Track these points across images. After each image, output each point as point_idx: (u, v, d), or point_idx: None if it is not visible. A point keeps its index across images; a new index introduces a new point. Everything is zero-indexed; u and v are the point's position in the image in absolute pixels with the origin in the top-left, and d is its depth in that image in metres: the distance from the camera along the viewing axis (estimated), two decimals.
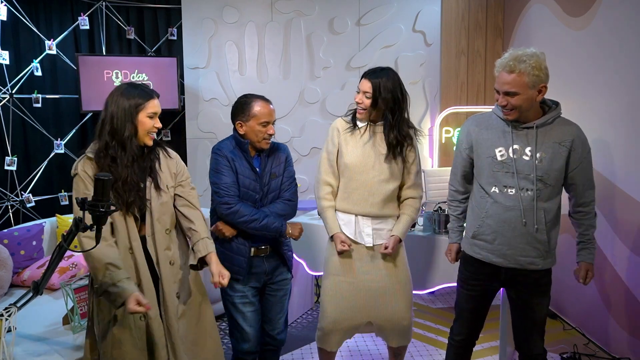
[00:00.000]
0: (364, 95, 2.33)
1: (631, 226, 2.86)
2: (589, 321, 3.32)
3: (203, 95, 4.75)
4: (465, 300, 2.28)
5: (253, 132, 2.27)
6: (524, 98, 1.96)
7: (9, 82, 4.22)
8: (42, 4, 4.46)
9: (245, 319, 2.34)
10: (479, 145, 2.15)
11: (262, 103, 2.28)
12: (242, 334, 2.34)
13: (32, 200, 4.38)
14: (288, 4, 4.64)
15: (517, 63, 1.93)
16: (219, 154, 2.29)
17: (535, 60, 1.93)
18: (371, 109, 2.33)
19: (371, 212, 2.39)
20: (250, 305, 2.35)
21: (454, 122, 4.52)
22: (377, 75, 2.31)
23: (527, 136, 2.05)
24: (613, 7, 2.99)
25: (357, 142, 2.39)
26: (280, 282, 2.44)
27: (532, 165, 2.03)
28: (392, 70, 2.37)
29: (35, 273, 3.12)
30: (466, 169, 2.25)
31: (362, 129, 2.41)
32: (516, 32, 4.35)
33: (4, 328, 1.79)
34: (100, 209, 1.54)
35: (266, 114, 2.26)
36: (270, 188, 2.34)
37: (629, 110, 2.88)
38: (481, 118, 2.20)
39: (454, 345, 2.36)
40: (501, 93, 2.00)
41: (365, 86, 2.32)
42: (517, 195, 2.05)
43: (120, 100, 1.90)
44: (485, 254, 2.16)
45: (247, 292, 2.34)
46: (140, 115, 1.92)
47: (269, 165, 2.34)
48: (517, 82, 1.94)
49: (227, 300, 2.36)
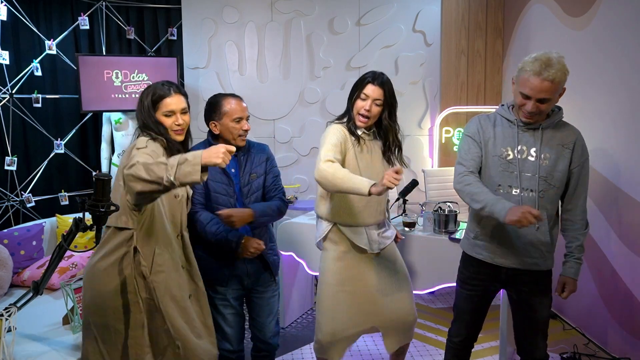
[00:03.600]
0: (373, 103, 2.23)
1: (631, 226, 2.87)
2: (589, 321, 3.32)
3: (203, 95, 4.74)
4: (464, 301, 2.27)
5: (227, 129, 2.25)
6: (553, 103, 1.98)
7: (9, 82, 4.22)
8: (42, 4, 4.46)
9: (225, 320, 2.34)
10: (486, 144, 2.14)
11: (232, 100, 2.27)
12: (223, 334, 2.34)
13: (32, 200, 4.38)
14: (288, 4, 4.64)
15: (551, 68, 1.88)
16: None
17: (563, 64, 1.91)
18: (374, 117, 2.27)
19: (377, 220, 2.38)
20: (231, 308, 2.34)
21: (454, 122, 4.52)
22: (383, 80, 2.26)
23: (533, 137, 2.05)
24: (613, 8, 2.99)
25: (358, 153, 2.30)
26: (265, 284, 2.41)
27: (537, 166, 2.03)
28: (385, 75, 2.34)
29: (35, 273, 3.12)
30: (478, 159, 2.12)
31: (363, 139, 2.32)
32: (516, 32, 4.35)
33: (4, 328, 1.80)
34: (100, 209, 1.54)
35: (238, 109, 2.24)
36: (252, 188, 2.31)
37: (629, 110, 2.88)
38: (487, 118, 2.18)
39: (452, 347, 2.35)
40: (533, 99, 1.95)
41: (377, 93, 2.23)
42: (520, 195, 2.05)
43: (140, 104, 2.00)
44: (487, 255, 2.16)
45: (228, 295, 2.33)
46: (157, 115, 1.97)
47: (249, 166, 2.32)
48: (552, 88, 1.91)
49: (210, 301, 2.33)
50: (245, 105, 2.31)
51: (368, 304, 2.37)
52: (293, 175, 4.78)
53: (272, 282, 2.44)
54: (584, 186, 2.09)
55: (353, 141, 2.29)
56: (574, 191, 2.08)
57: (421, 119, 4.66)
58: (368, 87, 2.24)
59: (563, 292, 2.12)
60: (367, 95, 2.24)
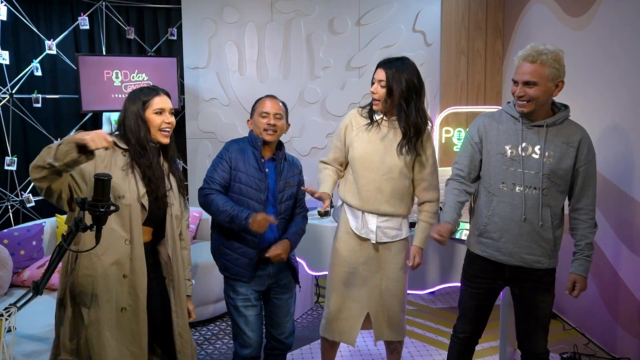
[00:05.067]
0: (379, 85, 2.28)
1: (631, 226, 2.87)
2: (589, 321, 3.32)
3: (203, 95, 4.75)
4: (469, 298, 2.28)
5: (256, 124, 2.37)
6: (543, 90, 1.98)
7: (9, 82, 4.22)
8: (42, 4, 4.46)
9: (248, 323, 2.33)
10: (489, 142, 2.14)
11: (264, 97, 2.42)
12: (245, 339, 2.34)
13: (32, 200, 4.38)
14: (288, 4, 4.64)
15: (539, 54, 1.97)
16: (223, 151, 2.36)
17: (555, 54, 1.98)
18: (387, 99, 2.27)
19: (379, 209, 2.35)
20: (253, 309, 2.34)
21: (454, 122, 4.52)
22: (392, 63, 2.28)
23: (537, 134, 2.06)
24: (613, 8, 2.99)
25: (369, 137, 2.34)
26: (285, 285, 2.44)
27: (541, 163, 2.03)
28: (408, 58, 2.32)
29: (35, 273, 3.12)
30: (475, 162, 2.20)
31: (378, 123, 2.35)
32: (516, 32, 4.35)
33: (4, 328, 1.79)
34: (100, 209, 1.54)
35: (264, 105, 2.36)
36: (285, 196, 2.36)
37: (629, 110, 2.88)
38: (492, 115, 2.20)
39: (457, 343, 2.36)
40: (520, 83, 2.01)
41: (380, 75, 2.27)
42: (523, 192, 2.06)
43: (127, 104, 1.97)
44: (491, 252, 2.17)
45: (250, 295, 2.33)
46: (147, 112, 1.95)
47: (285, 173, 2.37)
48: (538, 72, 1.96)
49: (230, 304, 2.36)
50: (277, 102, 2.40)
51: (364, 289, 2.42)
52: None
53: (293, 284, 2.48)
54: (592, 186, 2.08)
55: (364, 125, 2.36)
56: (582, 191, 2.08)
57: None
58: (377, 70, 2.33)
59: (574, 290, 2.11)
60: (374, 78, 2.33)
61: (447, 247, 2.28)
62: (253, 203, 2.27)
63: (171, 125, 2.00)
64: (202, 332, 3.42)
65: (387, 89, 2.25)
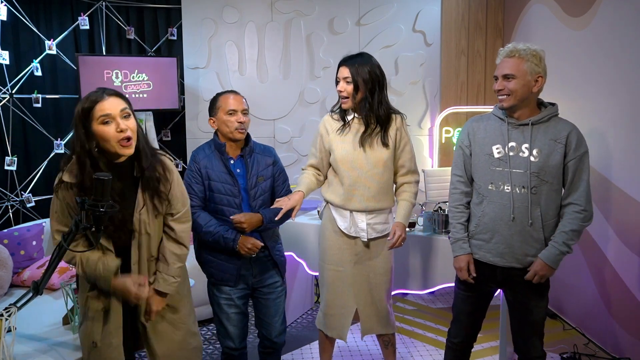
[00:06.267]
0: (344, 82, 2.33)
1: (631, 226, 2.86)
2: (589, 321, 3.32)
3: (203, 95, 4.74)
4: (462, 302, 2.29)
5: (223, 123, 2.29)
6: (521, 84, 2.01)
7: (9, 82, 4.22)
8: (42, 4, 4.46)
9: (229, 319, 2.37)
10: (477, 144, 2.17)
11: (226, 94, 2.33)
12: (226, 331, 2.38)
13: (32, 200, 4.38)
14: (288, 4, 4.64)
15: (517, 50, 2.03)
16: (191, 164, 2.30)
17: (534, 50, 2.03)
18: (354, 94, 2.32)
19: (367, 207, 2.38)
20: (235, 308, 2.37)
21: (454, 122, 4.52)
22: (353, 59, 2.34)
23: (523, 133, 2.06)
24: (613, 7, 2.99)
25: (347, 138, 2.38)
26: (271, 285, 2.43)
27: (528, 162, 2.04)
28: (367, 53, 2.40)
29: (35, 273, 3.12)
30: (467, 163, 2.23)
31: (350, 123, 2.40)
32: (516, 32, 4.35)
33: (4, 328, 1.79)
34: (100, 209, 1.54)
35: (230, 102, 2.29)
36: (259, 191, 2.33)
37: (629, 109, 2.88)
38: (480, 118, 2.23)
39: (451, 348, 2.37)
40: (500, 77, 2.06)
41: (344, 72, 2.32)
42: (512, 192, 2.06)
43: (75, 120, 1.74)
44: (482, 254, 2.17)
45: (233, 295, 2.35)
46: (94, 126, 1.68)
47: (255, 168, 2.33)
48: (515, 64, 2.02)
49: (213, 300, 2.39)
50: (241, 98, 2.33)
51: (353, 285, 2.46)
52: (293, 175, 4.75)
53: (279, 283, 2.46)
54: (584, 180, 2.04)
55: (336, 129, 2.40)
56: (571, 185, 2.05)
57: (421, 119, 4.66)
58: (339, 69, 2.36)
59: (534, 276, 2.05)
60: (338, 77, 2.36)
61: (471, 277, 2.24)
62: (232, 210, 2.27)
63: (128, 132, 1.69)
64: (202, 332, 3.42)
65: (353, 85, 2.30)
